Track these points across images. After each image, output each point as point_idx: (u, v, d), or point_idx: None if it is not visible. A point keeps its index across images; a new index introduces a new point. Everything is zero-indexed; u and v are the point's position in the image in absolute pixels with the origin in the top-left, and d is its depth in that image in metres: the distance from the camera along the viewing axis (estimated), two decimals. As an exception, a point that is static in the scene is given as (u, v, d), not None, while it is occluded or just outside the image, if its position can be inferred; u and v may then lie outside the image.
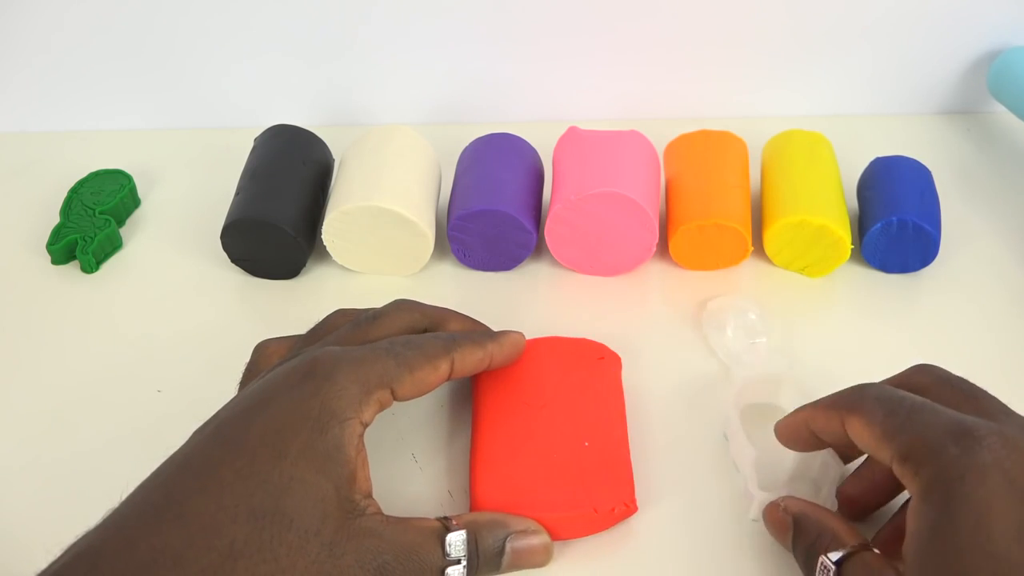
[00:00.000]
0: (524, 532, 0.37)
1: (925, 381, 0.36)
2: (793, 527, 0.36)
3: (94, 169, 0.57)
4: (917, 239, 0.49)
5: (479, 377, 0.44)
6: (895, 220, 0.49)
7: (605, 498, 0.39)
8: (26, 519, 0.40)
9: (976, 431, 0.31)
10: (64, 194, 0.55)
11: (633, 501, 0.39)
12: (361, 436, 0.35)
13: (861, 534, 0.35)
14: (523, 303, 0.50)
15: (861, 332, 0.49)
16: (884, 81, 0.62)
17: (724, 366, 0.46)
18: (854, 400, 0.35)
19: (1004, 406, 0.34)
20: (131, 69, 0.61)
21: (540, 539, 0.37)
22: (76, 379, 0.47)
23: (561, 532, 0.39)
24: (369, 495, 0.35)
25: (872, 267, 0.52)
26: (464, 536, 0.35)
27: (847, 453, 0.38)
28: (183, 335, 0.49)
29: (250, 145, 0.55)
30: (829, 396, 0.36)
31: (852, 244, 0.50)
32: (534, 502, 0.39)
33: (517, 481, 0.39)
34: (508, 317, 0.45)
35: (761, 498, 0.39)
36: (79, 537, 0.32)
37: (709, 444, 0.43)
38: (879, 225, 0.49)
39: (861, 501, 0.38)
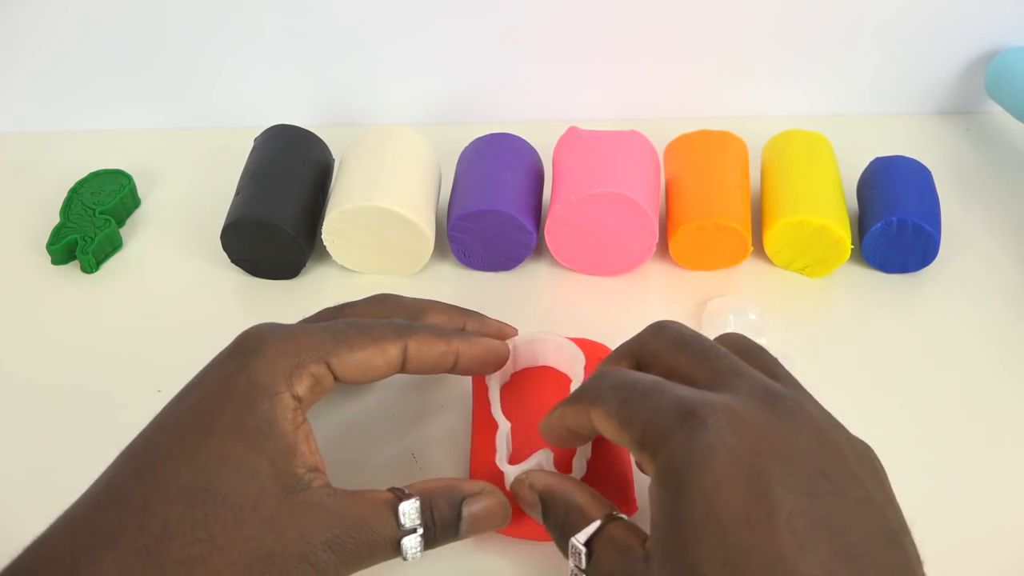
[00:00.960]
0: (479, 495, 0.36)
1: (659, 346, 0.35)
2: (541, 504, 0.36)
3: (94, 169, 0.57)
4: (917, 239, 0.49)
5: (479, 377, 0.44)
6: (895, 220, 0.49)
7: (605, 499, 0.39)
8: (26, 519, 0.40)
9: (700, 411, 0.30)
10: (64, 194, 0.55)
11: (633, 502, 0.39)
12: (296, 409, 0.34)
13: (607, 503, 0.35)
14: (523, 303, 0.50)
15: (861, 332, 0.49)
16: (884, 81, 0.63)
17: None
18: (592, 392, 0.34)
19: (738, 365, 0.33)
20: (131, 69, 0.61)
21: (496, 500, 0.37)
22: (76, 379, 0.47)
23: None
24: (315, 468, 0.34)
25: (872, 267, 0.52)
26: (418, 504, 0.34)
27: None
28: (183, 335, 0.49)
29: (250, 145, 0.55)
30: (576, 390, 0.36)
31: (852, 244, 0.50)
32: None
33: (517, 481, 0.39)
34: (508, 317, 0.45)
35: (510, 472, 0.38)
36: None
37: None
38: (879, 225, 0.49)
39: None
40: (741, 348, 0.35)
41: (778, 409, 0.31)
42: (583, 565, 0.33)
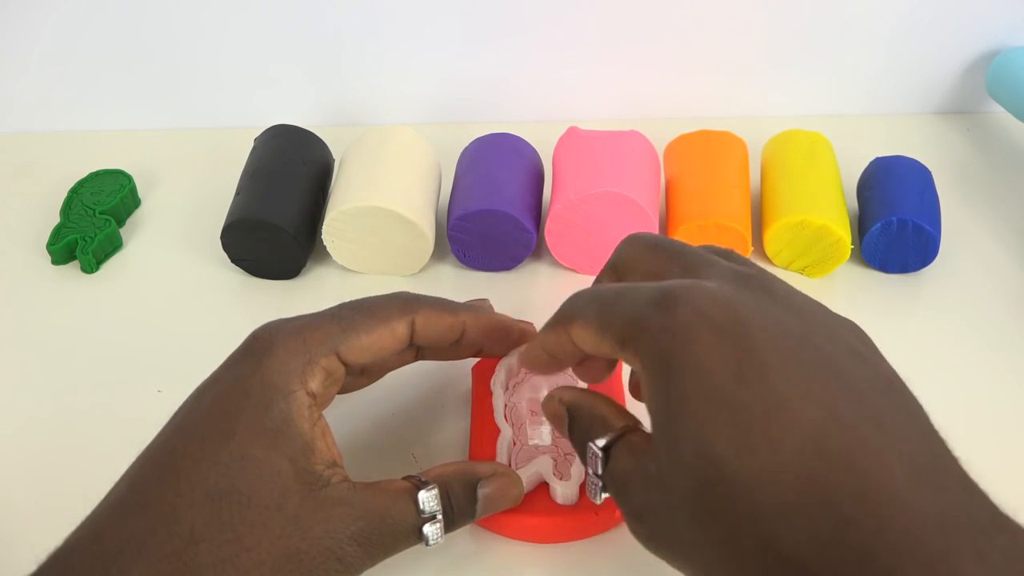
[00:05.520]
0: (492, 476, 0.37)
1: (633, 251, 0.35)
2: (568, 417, 0.35)
3: (94, 169, 0.57)
4: (917, 239, 0.49)
5: (479, 376, 0.44)
6: (895, 220, 0.49)
7: (606, 500, 0.39)
8: (26, 519, 0.40)
9: (673, 291, 0.30)
10: (64, 194, 0.55)
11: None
12: (311, 407, 0.35)
13: (631, 417, 0.34)
14: (523, 303, 0.50)
15: (861, 332, 0.49)
16: (884, 81, 0.63)
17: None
18: (568, 310, 0.34)
19: (708, 258, 0.33)
20: (131, 69, 0.61)
21: (509, 479, 0.37)
22: (76, 379, 0.47)
23: (562, 535, 0.39)
24: (333, 464, 0.34)
25: (872, 267, 0.52)
26: (436, 492, 0.35)
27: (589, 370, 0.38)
28: (183, 335, 0.49)
29: (250, 145, 0.55)
30: (552, 316, 0.35)
31: (852, 244, 0.50)
32: (534, 504, 0.39)
33: (517, 481, 0.39)
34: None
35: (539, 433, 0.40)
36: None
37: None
38: (879, 225, 0.49)
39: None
40: (714, 250, 0.36)
41: (752, 286, 0.31)
42: (599, 470, 0.33)
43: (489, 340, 0.41)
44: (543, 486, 0.39)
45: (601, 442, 0.33)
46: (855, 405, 0.27)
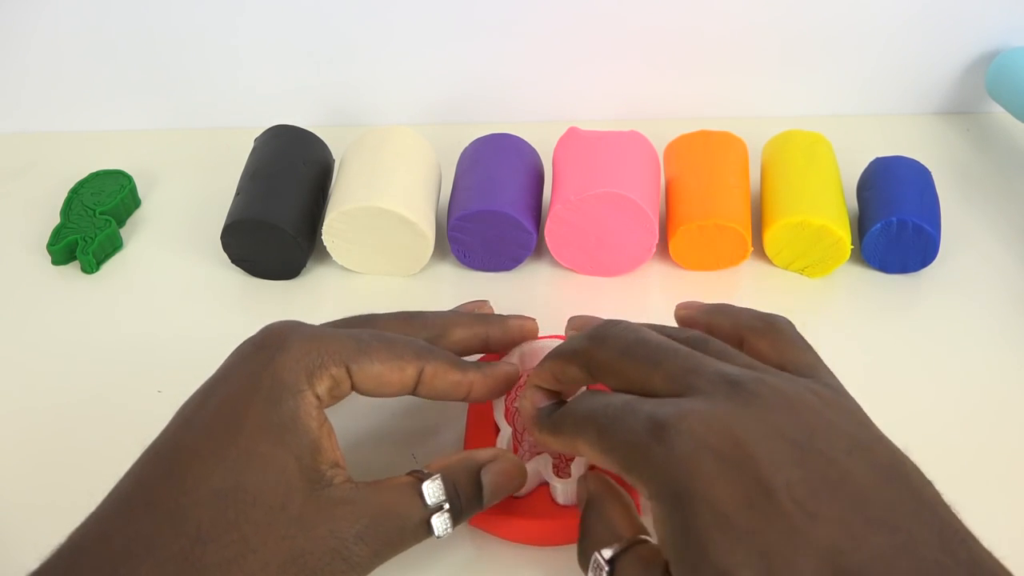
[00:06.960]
0: (494, 461, 0.37)
1: (606, 358, 0.35)
2: (583, 511, 0.35)
3: (94, 169, 0.57)
4: (917, 239, 0.49)
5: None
6: (895, 220, 0.49)
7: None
8: (26, 519, 0.40)
9: (670, 422, 0.30)
10: (64, 194, 0.55)
11: (637, 507, 0.39)
12: (319, 408, 0.35)
13: (639, 524, 0.34)
14: (523, 303, 0.50)
15: (861, 332, 0.49)
16: (884, 81, 0.63)
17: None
18: (571, 424, 0.34)
19: (689, 360, 0.33)
20: (131, 69, 0.61)
21: (511, 462, 0.37)
22: (76, 379, 0.47)
23: (562, 537, 0.39)
24: (336, 464, 0.34)
25: (872, 267, 0.52)
26: (440, 481, 0.35)
27: None
28: (183, 335, 0.49)
29: (250, 145, 0.55)
30: (556, 417, 0.35)
31: (852, 244, 0.50)
32: (534, 506, 0.39)
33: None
34: (508, 317, 0.45)
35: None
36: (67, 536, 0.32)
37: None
38: (879, 225, 0.49)
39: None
40: (685, 339, 0.35)
41: (743, 395, 0.31)
42: None
43: (492, 397, 0.40)
44: (543, 489, 0.39)
45: (608, 553, 0.32)
46: (864, 511, 0.28)
